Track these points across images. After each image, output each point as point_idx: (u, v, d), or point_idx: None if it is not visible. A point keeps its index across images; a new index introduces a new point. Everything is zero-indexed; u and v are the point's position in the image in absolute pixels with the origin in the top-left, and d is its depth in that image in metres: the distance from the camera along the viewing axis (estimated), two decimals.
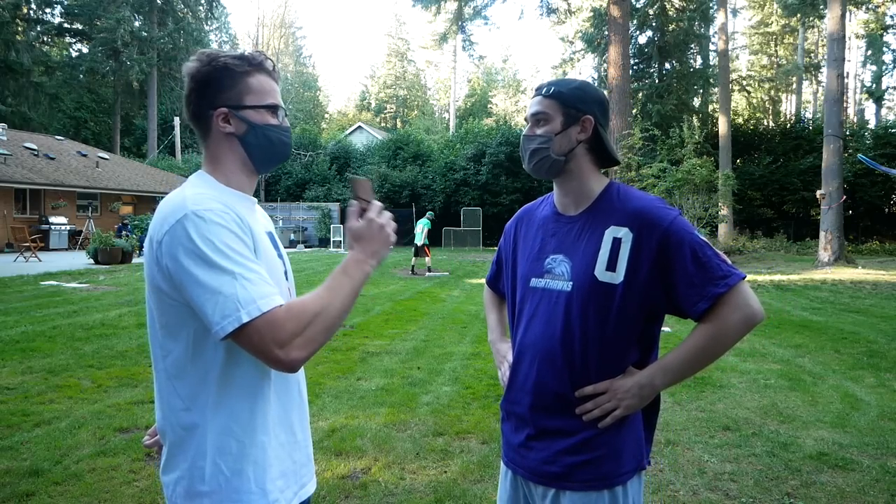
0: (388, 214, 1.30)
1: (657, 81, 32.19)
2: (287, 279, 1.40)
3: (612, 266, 1.43)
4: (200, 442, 1.22)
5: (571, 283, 1.47)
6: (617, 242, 1.44)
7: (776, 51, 46.37)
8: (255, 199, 1.40)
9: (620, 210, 1.47)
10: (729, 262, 1.43)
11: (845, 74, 21.36)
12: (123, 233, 21.03)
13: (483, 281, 1.95)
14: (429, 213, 17.06)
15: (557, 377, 1.48)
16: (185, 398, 1.23)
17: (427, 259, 16.15)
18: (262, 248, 1.26)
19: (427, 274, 15.81)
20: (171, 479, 1.26)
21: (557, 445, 1.48)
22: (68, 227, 22.65)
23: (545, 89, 1.54)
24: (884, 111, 44.11)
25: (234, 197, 1.30)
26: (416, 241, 16.10)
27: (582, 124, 1.51)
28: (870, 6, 33.51)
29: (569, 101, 1.51)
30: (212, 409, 1.22)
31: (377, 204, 1.30)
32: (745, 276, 1.41)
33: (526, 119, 1.58)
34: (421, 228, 15.93)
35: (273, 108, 1.33)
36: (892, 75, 61.87)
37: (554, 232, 1.56)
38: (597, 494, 1.44)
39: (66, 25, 39.24)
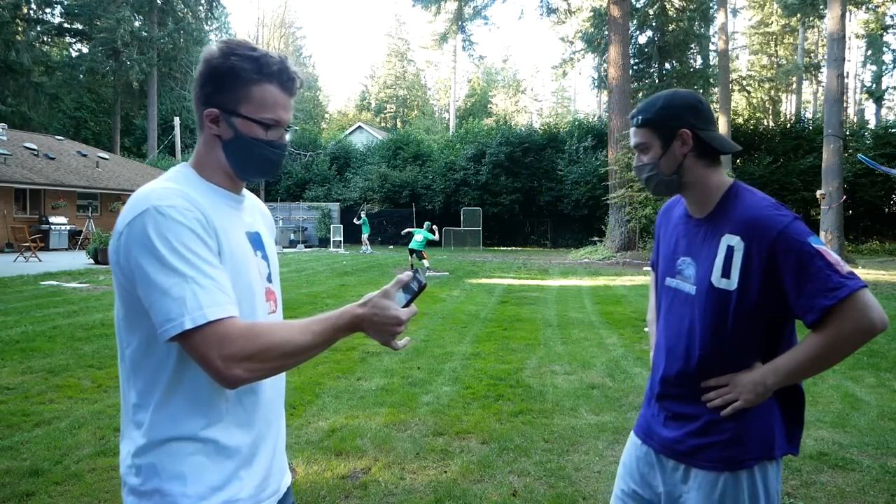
0: (409, 317, 1.23)
1: (657, 81, 32.18)
2: (270, 282, 1.35)
3: (726, 273, 1.50)
4: (143, 438, 1.19)
5: (695, 287, 1.57)
6: (730, 251, 1.50)
7: (776, 51, 46.36)
8: (242, 198, 1.34)
9: (733, 218, 1.52)
10: (846, 269, 1.40)
11: (845, 74, 21.34)
12: None
13: (484, 281, 1.97)
14: (431, 226, 17.07)
15: (683, 370, 1.58)
16: (138, 393, 1.20)
17: (425, 261, 16.33)
18: (231, 250, 1.22)
19: (427, 274, 15.84)
20: (122, 470, 1.23)
21: (686, 428, 1.58)
22: (68, 227, 22.65)
23: (635, 119, 1.60)
24: (884, 111, 44.16)
25: (210, 194, 1.25)
26: (412, 246, 16.27)
27: (681, 138, 1.55)
28: (870, 6, 33.52)
29: (659, 123, 1.56)
30: (157, 407, 1.18)
31: (414, 310, 1.26)
32: (864, 286, 1.38)
33: (633, 149, 1.66)
34: (422, 238, 16.08)
35: (266, 125, 1.25)
36: (892, 75, 61.95)
37: (685, 233, 1.64)
38: (717, 475, 1.52)
39: (66, 25, 39.23)
